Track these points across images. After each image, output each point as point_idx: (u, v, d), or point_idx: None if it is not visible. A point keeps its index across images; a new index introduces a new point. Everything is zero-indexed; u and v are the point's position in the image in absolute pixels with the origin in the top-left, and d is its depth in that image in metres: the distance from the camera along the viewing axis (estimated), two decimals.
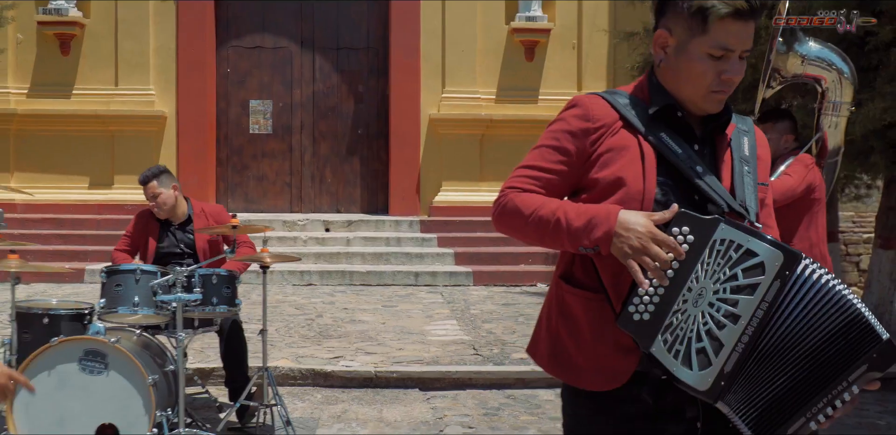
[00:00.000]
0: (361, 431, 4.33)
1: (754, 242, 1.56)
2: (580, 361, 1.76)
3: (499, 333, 6.50)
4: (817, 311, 1.54)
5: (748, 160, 1.79)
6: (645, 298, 1.64)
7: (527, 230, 1.78)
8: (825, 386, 1.52)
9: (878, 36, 5.10)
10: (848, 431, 4.37)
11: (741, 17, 1.67)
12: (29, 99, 11.06)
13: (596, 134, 1.77)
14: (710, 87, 1.72)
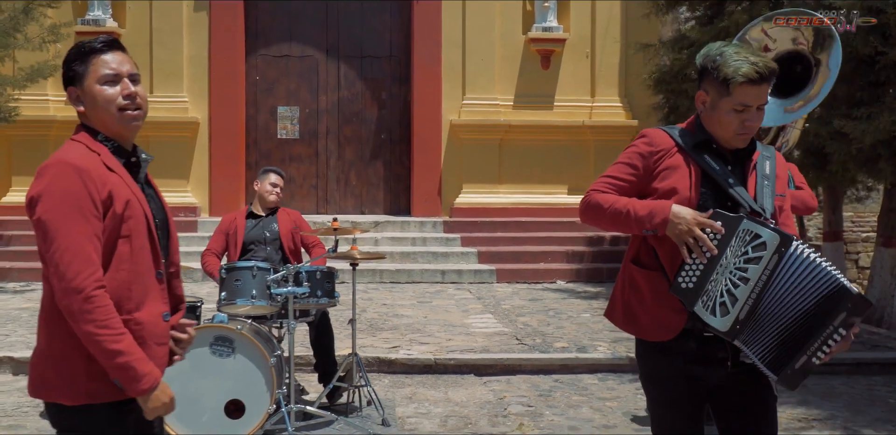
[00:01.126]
0: (435, 409, 4.88)
1: (761, 229, 2.23)
2: (645, 320, 2.42)
3: (535, 326, 7.05)
4: (805, 276, 2.21)
5: (768, 177, 2.44)
6: (690, 272, 2.29)
7: (605, 219, 2.43)
8: (817, 330, 2.19)
9: (888, 56, 5.67)
10: (864, 408, 4.95)
11: (755, 83, 2.30)
12: (67, 106, 11.45)
13: (657, 156, 2.42)
14: (736, 131, 2.37)
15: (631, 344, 5.93)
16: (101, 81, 2.15)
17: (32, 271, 9.80)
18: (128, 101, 2.15)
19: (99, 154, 2.15)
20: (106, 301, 2.01)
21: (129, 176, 2.18)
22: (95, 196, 2.05)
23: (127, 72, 2.18)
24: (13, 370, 5.72)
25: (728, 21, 7.50)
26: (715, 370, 2.36)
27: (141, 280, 2.12)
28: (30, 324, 6.92)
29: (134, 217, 2.12)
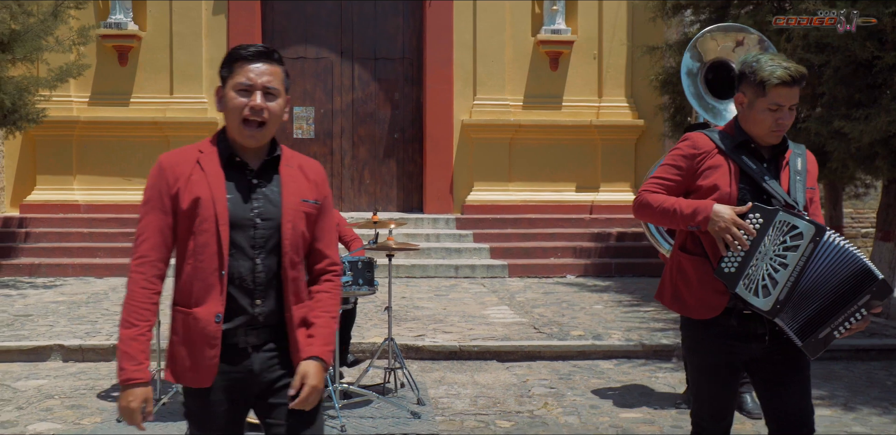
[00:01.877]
0: (464, 391, 5.24)
1: (798, 220, 2.58)
2: (691, 301, 2.74)
3: (550, 316, 7.41)
4: (837, 261, 2.55)
5: (800, 173, 2.77)
6: (732, 258, 2.63)
7: (655, 216, 2.76)
8: (842, 308, 2.55)
9: (884, 59, 6.02)
10: (863, 389, 5.31)
11: (787, 85, 2.63)
12: (90, 107, 11.88)
13: (700, 157, 2.75)
14: (770, 128, 2.68)
15: (643, 332, 6.33)
16: (236, 89, 2.27)
17: (60, 267, 10.17)
18: (252, 114, 2.24)
19: (202, 152, 2.30)
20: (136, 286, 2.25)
21: (222, 175, 2.26)
22: (165, 191, 2.24)
23: (262, 84, 2.25)
24: (63, 357, 6.07)
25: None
26: (753, 344, 2.70)
27: (202, 277, 2.22)
28: (69, 316, 7.28)
29: (201, 215, 2.22)
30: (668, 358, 6.15)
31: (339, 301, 2.42)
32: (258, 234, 2.26)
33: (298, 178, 2.34)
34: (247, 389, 2.29)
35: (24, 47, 8.88)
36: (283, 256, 2.27)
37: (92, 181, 11.84)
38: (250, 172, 2.30)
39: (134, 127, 11.77)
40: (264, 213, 2.27)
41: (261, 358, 2.28)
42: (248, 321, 2.26)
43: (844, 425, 4.51)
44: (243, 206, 2.26)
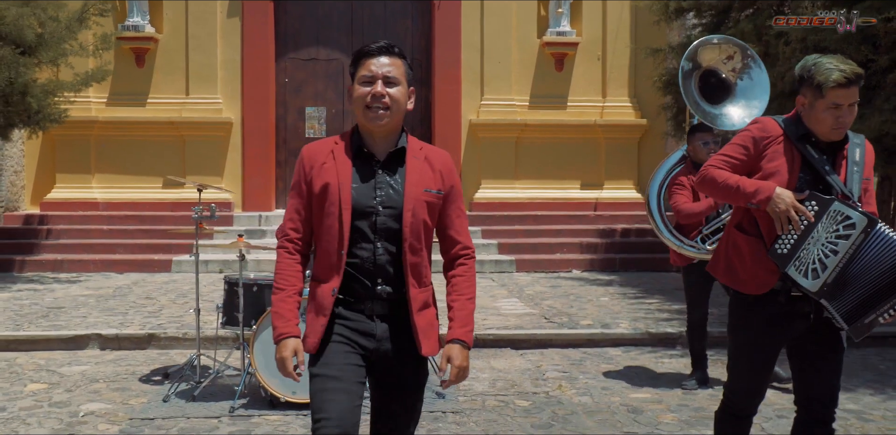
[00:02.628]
0: (482, 375, 5.58)
1: (852, 211, 2.75)
2: (744, 276, 2.95)
3: (560, 307, 7.75)
4: (886, 252, 2.72)
5: (858, 163, 2.92)
6: (785, 240, 2.83)
7: (718, 190, 2.94)
8: (888, 295, 2.74)
9: (877, 62, 6.36)
10: (858, 372, 5.65)
11: (843, 86, 2.78)
12: (108, 107, 12.22)
13: (767, 140, 2.91)
14: (831, 126, 2.84)
15: (649, 321, 6.67)
16: (360, 81, 2.47)
17: (81, 263, 10.51)
18: (374, 101, 2.43)
19: (336, 144, 2.53)
20: (282, 259, 2.53)
21: (349, 165, 2.47)
22: (303, 178, 2.51)
23: (383, 74, 2.44)
24: (100, 345, 6.41)
25: (734, 29, 8.19)
26: (796, 323, 2.89)
27: (328, 256, 2.46)
28: (99, 308, 7.62)
29: (328, 200, 2.45)
30: (674, 346, 6.49)
31: (473, 283, 2.59)
32: (379, 220, 2.44)
33: (424, 169, 2.51)
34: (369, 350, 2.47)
35: (49, 52, 9.21)
36: (403, 241, 2.44)
37: (110, 179, 12.17)
38: (376, 163, 2.50)
39: (151, 127, 12.11)
40: (386, 202, 2.45)
41: (382, 327, 2.47)
42: (371, 296, 2.47)
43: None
44: (367, 195, 2.45)
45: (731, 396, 3.04)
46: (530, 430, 4.35)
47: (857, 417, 4.62)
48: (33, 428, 4.37)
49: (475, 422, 4.49)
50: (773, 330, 2.91)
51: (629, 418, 4.58)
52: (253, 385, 4.98)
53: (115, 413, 4.64)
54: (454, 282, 2.58)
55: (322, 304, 2.47)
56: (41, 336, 6.38)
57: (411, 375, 2.53)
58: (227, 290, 5.20)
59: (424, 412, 4.56)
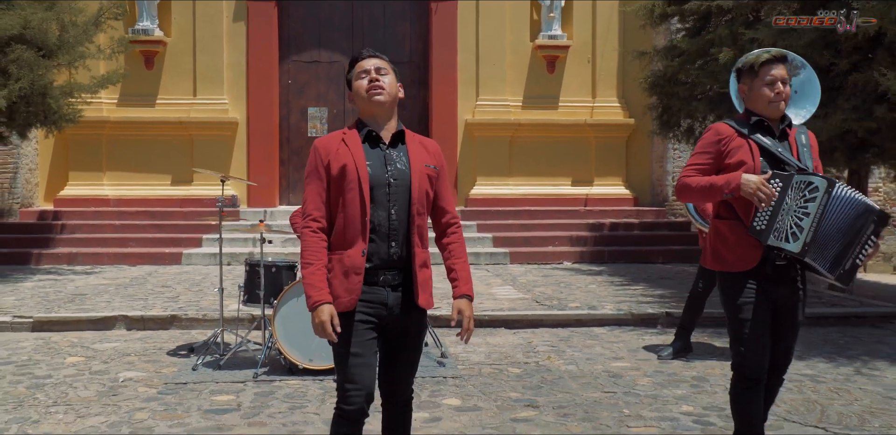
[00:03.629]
0: (479, 349, 6.14)
1: (813, 177, 3.17)
2: (730, 257, 3.32)
3: (550, 293, 8.32)
4: (847, 206, 3.15)
5: (805, 145, 3.38)
6: (761, 217, 3.20)
7: (696, 194, 3.33)
8: (857, 240, 3.17)
9: (839, 66, 6.94)
10: (818, 346, 6.23)
11: (771, 62, 3.29)
12: (119, 108, 12.75)
13: (724, 141, 3.33)
14: (770, 99, 3.27)
15: (632, 304, 7.21)
16: (357, 78, 2.94)
17: (95, 256, 11.03)
18: (371, 85, 2.90)
19: (345, 134, 2.94)
20: (308, 237, 2.85)
21: (362, 146, 2.88)
22: (320, 164, 2.89)
23: (373, 67, 2.93)
24: (127, 326, 6.95)
25: (713, 34, 8.76)
26: (783, 288, 3.27)
27: (352, 224, 2.82)
28: (120, 294, 8.15)
29: (348, 178, 2.84)
30: (654, 325, 7.06)
31: (465, 247, 3.02)
32: (392, 190, 2.86)
33: (420, 150, 2.97)
34: (382, 318, 2.88)
35: (68, 54, 9.74)
36: (411, 206, 2.87)
37: (121, 177, 12.70)
38: (384, 145, 2.93)
39: (160, 126, 12.64)
40: (396, 175, 2.87)
41: (394, 296, 2.88)
42: (386, 261, 2.87)
43: (796, 370, 5.41)
44: (380, 170, 2.87)
45: (744, 363, 3.30)
46: (521, 391, 4.91)
47: (811, 379, 5.19)
48: (80, 391, 4.91)
49: (473, 385, 5.05)
50: (764, 297, 3.28)
51: (609, 381, 5.14)
52: (272, 357, 5.53)
53: (151, 379, 5.19)
54: (450, 248, 3.03)
55: (353, 264, 2.83)
56: (72, 317, 6.92)
57: (413, 324, 2.95)
58: (248, 271, 5.75)
59: (427, 377, 5.14)
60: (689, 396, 4.78)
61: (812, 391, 4.92)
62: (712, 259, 3.40)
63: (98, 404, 4.60)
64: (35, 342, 6.35)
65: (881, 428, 4.18)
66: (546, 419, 4.32)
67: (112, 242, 11.42)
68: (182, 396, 4.77)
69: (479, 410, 4.49)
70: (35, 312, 7.09)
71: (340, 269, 2.86)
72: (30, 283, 9.04)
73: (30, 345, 6.25)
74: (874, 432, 4.11)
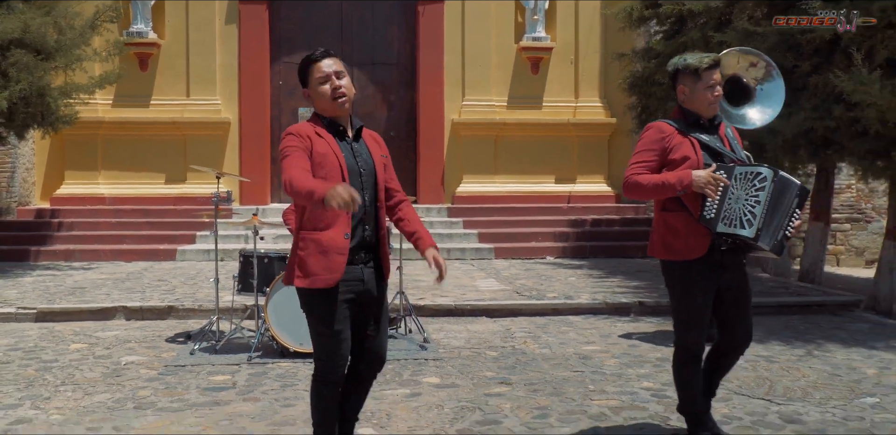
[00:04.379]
0: (459, 335, 6.52)
1: (759, 168, 3.44)
2: (680, 246, 3.55)
3: (531, 285, 8.70)
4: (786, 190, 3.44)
5: (733, 137, 3.78)
6: (710, 207, 3.46)
7: (647, 191, 3.52)
8: (786, 214, 3.46)
9: (801, 67, 7.34)
10: (778, 332, 6.62)
11: (712, 68, 3.56)
12: (114, 108, 13.08)
13: (666, 138, 3.57)
14: (709, 102, 3.58)
15: (607, 294, 7.56)
16: (318, 82, 3.17)
17: (92, 252, 11.37)
18: (335, 93, 3.17)
19: (314, 127, 3.19)
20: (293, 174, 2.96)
21: (334, 139, 3.15)
22: (303, 143, 3.11)
23: (333, 71, 3.15)
24: (126, 316, 7.30)
25: (686, 37, 9.16)
26: (728, 271, 3.56)
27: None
28: (118, 288, 8.49)
29: (327, 165, 3.09)
30: (627, 313, 7.45)
31: (417, 215, 3.40)
32: (363, 178, 3.21)
33: (373, 142, 3.35)
34: (360, 294, 3.20)
35: (65, 57, 10.08)
36: (378, 191, 3.25)
37: (116, 176, 13.04)
38: (348, 139, 3.25)
39: (154, 126, 12.98)
40: (364, 165, 3.22)
41: (368, 272, 3.23)
42: (362, 242, 3.20)
43: (754, 352, 5.80)
44: (352, 160, 3.20)
45: (687, 340, 3.61)
46: (496, 371, 5.29)
47: (766, 360, 5.59)
48: (86, 372, 5.26)
49: (452, 366, 5.43)
50: (709, 280, 3.55)
51: (579, 362, 5.52)
52: (265, 343, 5.89)
53: (151, 362, 5.54)
54: (405, 216, 3.38)
55: (336, 245, 3.11)
56: (74, 308, 7.26)
57: (382, 292, 3.32)
58: (242, 262, 6.11)
59: (410, 359, 5.52)
60: (651, 375, 5.17)
61: (765, 370, 5.31)
62: (662, 249, 3.63)
63: (103, 384, 4.96)
64: (39, 331, 6.69)
65: (821, 399, 4.57)
66: (517, 394, 4.70)
67: (108, 239, 11.74)
68: (181, 377, 5.13)
69: (457, 387, 4.86)
70: (38, 303, 7.43)
71: (317, 248, 3.12)
72: (30, 278, 9.37)
73: (35, 333, 6.59)
74: (813, 403, 4.50)
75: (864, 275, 11.87)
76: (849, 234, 13.15)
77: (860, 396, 4.63)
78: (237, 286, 6.12)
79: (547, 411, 4.34)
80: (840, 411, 4.33)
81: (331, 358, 3.19)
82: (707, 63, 3.58)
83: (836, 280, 10.00)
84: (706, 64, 3.57)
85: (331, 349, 3.18)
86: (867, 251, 12.99)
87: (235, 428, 4.09)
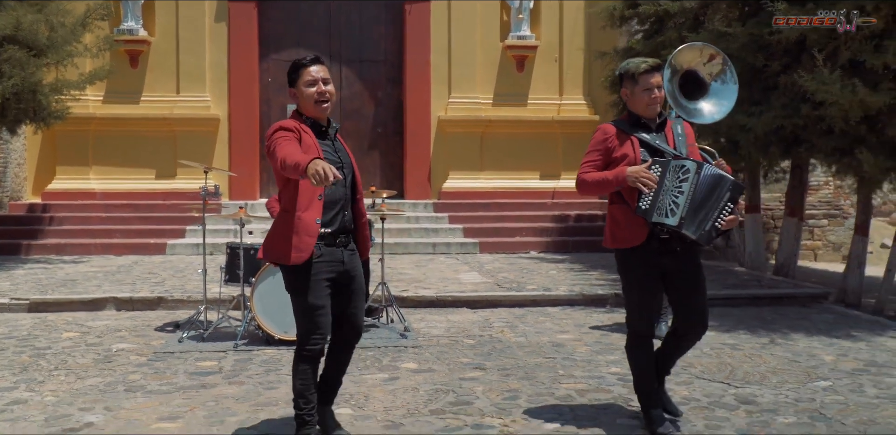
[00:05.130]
0: (439, 325, 6.75)
1: (685, 161, 3.77)
2: (622, 235, 3.87)
3: (513, 278, 8.94)
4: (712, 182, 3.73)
5: (681, 135, 4.03)
6: (645, 199, 3.76)
7: (594, 187, 3.87)
8: (715, 206, 3.77)
9: (771, 67, 7.59)
10: (746, 321, 6.88)
11: (649, 72, 3.83)
12: (105, 105, 13.25)
13: (609, 139, 3.90)
14: (647, 104, 3.86)
15: (585, 286, 7.79)
16: (305, 84, 3.53)
17: (83, 246, 11.55)
18: (321, 96, 3.52)
19: (299, 123, 3.48)
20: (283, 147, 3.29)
21: (315, 137, 3.47)
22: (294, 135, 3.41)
23: (321, 78, 3.52)
24: (116, 307, 7.51)
25: (664, 37, 9.41)
26: (669, 258, 3.81)
27: (308, 195, 3.43)
28: (109, 280, 8.69)
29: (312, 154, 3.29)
30: (603, 305, 7.70)
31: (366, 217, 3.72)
32: (344, 171, 3.53)
33: (344, 142, 3.75)
34: (340, 274, 3.55)
35: (57, 53, 10.26)
36: (356, 185, 3.64)
37: (106, 171, 13.21)
38: (328, 137, 3.61)
39: (144, 123, 13.16)
40: (343, 160, 3.57)
41: (347, 254, 3.58)
42: (342, 227, 3.56)
43: (720, 340, 6.06)
44: (333, 155, 3.55)
45: (636, 322, 3.89)
46: (472, 357, 5.53)
47: (730, 347, 5.85)
48: (78, 359, 5.48)
49: (430, 353, 5.67)
50: (651, 266, 3.83)
51: (552, 350, 5.77)
52: (250, 331, 6.11)
53: (141, 350, 5.76)
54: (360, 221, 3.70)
55: (309, 228, 3.44)
56: (65, 299, 7.47)
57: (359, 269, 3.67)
58: (228, 253, 6.34)
59: (390, 347, 5.75)
60: (620, 361, 5.41)
61: (728, 356, 5.56)
62: (610, 239, 3.94)
63: (95, 369, 5.18)
64: (32, 321, 6.90)
65: (777, 383, 4.83)
66: (490, 378, 4.94)
67: (99, 234, 11.93)
68: (170, 363, 5.36)
69: (433, 372, 5.10)
70: (30, 294, 7.63)
71: (291, 229, 3.44)
72: (21, 270, 9.56)
73: (28, 323, 6.80)
74: (769, 386, 4.75)
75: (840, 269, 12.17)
76: (826, 229, 13.46)
77: (814, 380, 4.88)
78: (224, 277, 6.34)
79: (516, 394, 4.58)
80: (793, 394, 4.59)
81: (312, 332, 3.49)
82: (644, 68, 3.84)
83: (811, 274, 10.29)
84: (643, 69, 3.84)
85: (311, 324, 3.48)
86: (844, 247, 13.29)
87: (220, 408, 4.32)
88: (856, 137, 7.03)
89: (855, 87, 6.37)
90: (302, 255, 3.44)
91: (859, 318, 7.26)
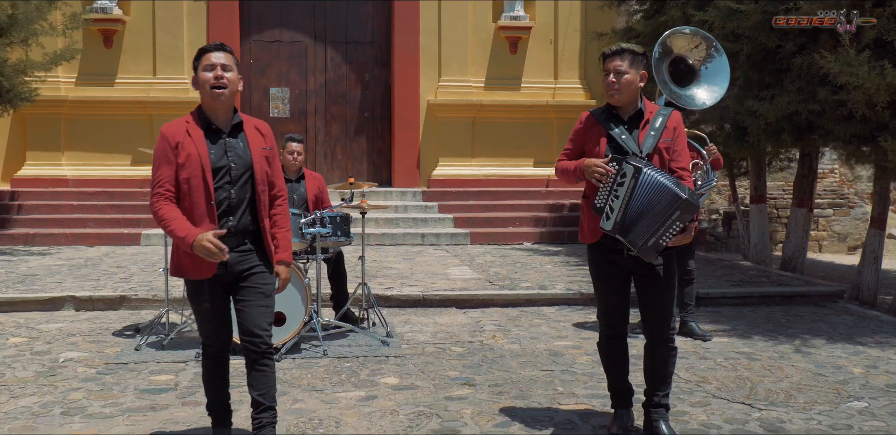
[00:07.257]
0: (426, 328, 6.19)
1: (626, 165, 3.45)
2: (587, 230, 3.70)
3: (505, 274, 8.37)
4: (655, 191, 3.41)
5: (657, 129, 3.63)
6: (600, 196, 3.55)
7: (562, 175, 3.75)
8: (662, 222, 3.40)
9: (785, 48, 7.00)
10: (760, 324, 6.33)
11: (609, 56, 3.59)
12: (77, 87, 12.59)
13: (584, 128, 3.74)
14: (605, 89, 3.62)
15: (583, 283, 7.24)
16: (203, 69, 3.31)
17: (53, 237, 10.94)
18: (216, 81, 3.28)
19: (188, 123, 3.33)
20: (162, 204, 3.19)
21: (203, 137, 3.26)
22: (169, 149, 3.24)
23: (220, 63, 3.29)
24: (75, 307, 6.92)
25: (667, 16, 8.80)
26: (621, 258, 3.63)
27: (198, 207, 3.22)
28: (73, 275, 8.10)
29: (190, 166, 3.21)
30: None
31: (289, 217, 3.48)
32: (233, 174, 3.29)
33: (256, 135, 3.39)
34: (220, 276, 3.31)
35: (20, 32, 9.60)
36: (256, 185, 3.33)
37: (79, 157, 12.57)
38: (223, 134, 3.33)
39: (119, 106, 12.50)
40: (236, 160, 3.30)
41: (233, 256, 3.28)
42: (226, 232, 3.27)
43: (735, 347, 5.52)
44: (221, 157, 3.28)
45: (603, 320, 3.81)
46: (461, 369, 4.97)
47: (746, 357, 5.30)
48: (18, 371, 4.90)
49: (414, 364, 5.10)
50: (609, 264, 3.67)
51: (549, 360, 5.21)
52: None
53: (92, 359, 5.18)
54: (275, 219, 3.44)
55: None
56: (19, 298, 6.87)
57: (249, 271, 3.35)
58: None
59: (370, 357, 5.19)
60: None
61: (745, 368, 5.01)
62: (580, 233, 3.80)
63: (34, 385, 4.60)
64: None
65: (805, 404, 4.28)
66: (480, 397, 4.38)
67: (70, 223, 11.32)
68: (120, 376, 4.78)
69: (416, 389, 4.54)
70: None
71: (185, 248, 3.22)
72: None
73: None
74: (797, 408, 4.21)
75: (847, 262, 11.65)
76: (831, 219, 12.93)
77: (847, 400, 4.34)
78: None
79: (509, 419, 4.02)
80: (826, 418, 4.04)
81: (205, 332, 3.46)
82: (606, 51, 3.66)
83: (819, 267, 9.77)
84: (605, 52, 3.66)
85: (203, 325, 3.45)
86: (850, 237, 12.77)
87: None
88: (879, 124, 6.46)
89: (884, 69, 5.79)
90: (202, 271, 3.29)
91: (879, 319, 6.73)
